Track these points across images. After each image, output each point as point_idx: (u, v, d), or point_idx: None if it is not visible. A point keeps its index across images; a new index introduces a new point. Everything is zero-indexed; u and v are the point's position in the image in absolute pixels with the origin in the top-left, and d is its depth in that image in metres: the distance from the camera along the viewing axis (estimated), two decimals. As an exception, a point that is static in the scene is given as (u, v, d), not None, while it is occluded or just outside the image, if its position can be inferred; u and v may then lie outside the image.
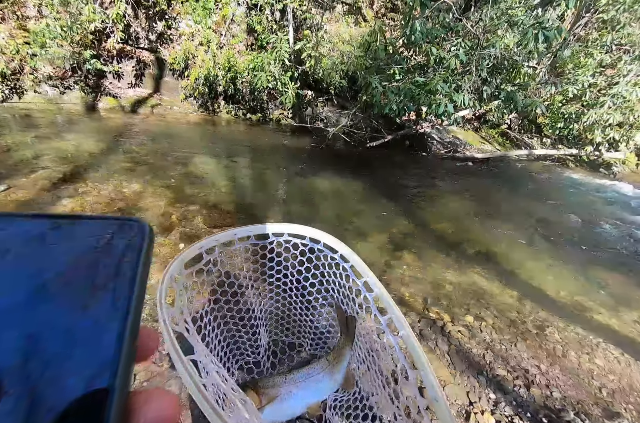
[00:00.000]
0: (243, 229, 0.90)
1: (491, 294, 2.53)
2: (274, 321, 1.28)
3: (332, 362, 0.97)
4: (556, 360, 1.89)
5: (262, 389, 0.88)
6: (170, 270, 0.68)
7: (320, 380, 0.94)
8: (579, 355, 1.96)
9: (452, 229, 3.68)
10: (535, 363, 1.84)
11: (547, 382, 1.72)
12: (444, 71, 3.86)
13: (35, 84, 6.43)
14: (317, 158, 5.63)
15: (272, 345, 1.26)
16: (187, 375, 0.51)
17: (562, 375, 1.78)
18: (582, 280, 2.93)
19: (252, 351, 1.17)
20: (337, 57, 6.14)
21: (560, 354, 1.95)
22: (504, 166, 6.74)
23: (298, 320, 1.27)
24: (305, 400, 0.91)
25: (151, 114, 7.25)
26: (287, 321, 1.29)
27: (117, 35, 6.89)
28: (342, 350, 1.00)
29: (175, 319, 0.63)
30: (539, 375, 1.76)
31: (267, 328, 1.26)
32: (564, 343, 2.05)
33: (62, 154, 3.99)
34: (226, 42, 7.64)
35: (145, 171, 3.97)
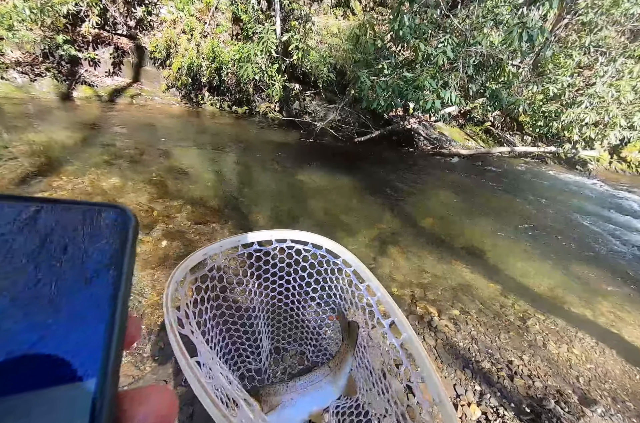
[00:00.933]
0: (246, 235, 0.91)
1: (476, 288, 2.59)
2: (276, 328, 1.26)
3: (333, 369, 0.97)
4: (537, 350, 1.96)
5: (264, 397, 0.86)
6: (175, 275, 0.68)
7: (323, 387, 0.94)
8: (558, 345, 2.04)
9: (438, 225, 3.74)
10: (518, 354, 1.91)
11: (529, 372, 1.78)
12: (432, 67, 3.87)
13: (1, 70, 6.00)
14: (305, 153, 5.57)
15: (273, 352, 1.24)
16: (192, 376, 0.51)
17: (543, 365, 1.85)
18: (560, 273, 3.05)
19: (253, 358, 1.15)
20: (325, 50, 6.05)
21: (541, 344, 2.03)
22: (488, 162, 6.91)
23: (300, 326, 1.26)
24: (308, 407, 0.91)
25: (131, 104, 6.94)
26: (289, 327, 1.27)
27: (92, 20, 6.51)
28: (344, 356, 0.99)
29: (182, 322, 0.63)
30: (522, 365, 1.82)
31: (269, 334, 1.23)
32: (544, 334, 2.13)
33: (33, 147, 3.75)
34: (210, 31, 7.37)
35: (124, 165, 3.79)
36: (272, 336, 1.25)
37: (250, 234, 0.92)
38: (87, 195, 3.01)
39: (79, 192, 3.02)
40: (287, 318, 1.24)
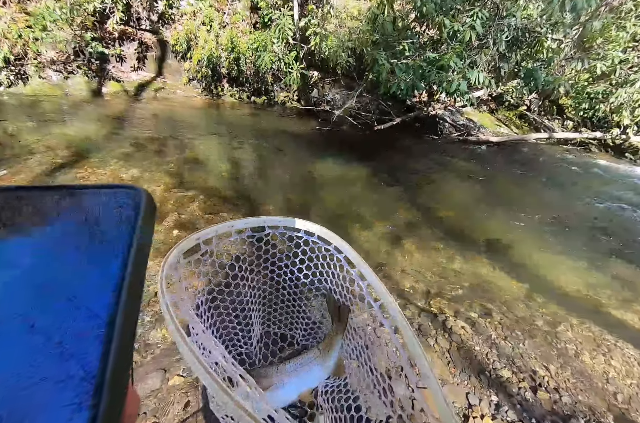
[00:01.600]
0: (240, 221, 0.93)
1: (499, 287, 2.36)
2: (267, 313, 1.28)
3: (322, 351, 1.00)
4: (568, 360, 1.74)
5: (255, 379, 0.87)
6: (169, 259, 0.70)
7: (312, 369, 0.96)
8: (593, 355, 1.80)
9: (459, 218, 3.48)
10: (544, 364, 1.70)
11: (556, 385, 1.58)
12: (458, 45, 3.52)
13: (39, 69, 6.32)
14: (321, 142, 5.42)
15: (264, 337, 1.25)
16: (190, 353, 0.53)
17: (574, 377, 1.63)
18: (599, 274, 2.71)
19: (244, 342, 1.17)
20: (345, 35, 5.75)
21: (573, 354, 1.79)
22: (521, 150, 6.34)
23: (291, 311, 1.27)
24: (298, 388, 0.94)
25: (154, 98, 7.10)
26: (279, 312, 1.29)
27: (116, 16, 6.66)
28: (333, 339, 1.02)
29: (177, 304, 0.66)
30: (548, 377, 1.62)
31: (260, 319, 1.25)
32: (577, 342, 1.89)
33: (63, 140, 3.94)
34: (229, 21, 7.31)
35: (144, 157, 3.89)
36: (263, 321, 1.27)
37: (243, 220, 0.93)
38: (107, 186, 3.09)
39: (100, 182, 3.12)
40: (278, 303, 1.26)
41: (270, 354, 1.19)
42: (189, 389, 1.39)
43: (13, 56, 5.83)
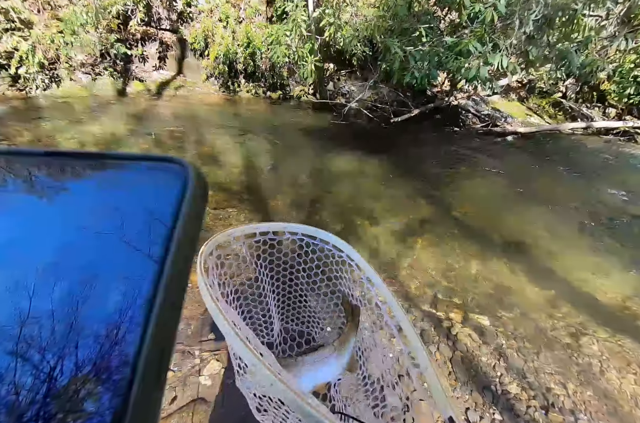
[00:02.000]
0: (264, 224, 1.03)
1: (517, 293, 2.15)
2: (285, 311, 1.38)
3: (338, 348, 1.06)
4: (590, 378, 1.54)
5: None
6: (205, 248, 0.77)
7: (327, 364, 1.03)
8: (622, 374, 1.58)
9: (478, 215, 3.24)
10: (561, 381, 1.51)
11: (573, 405, 1.40)
12: (479, 27, 3.23)
13: (70, 72, 6.65)
14: (336, 136, 5.28)
15: (283, 332, 1.34)
16: (227, 325, 0.58)
17: (596, 398, 1.44)
18: (636, 282, 2.40)
19: (267, 333, 1.28)
20: (361, 23, 5.52)
21: (597, 371, 1.58)
22: (554, 141, 5.82)
23: (308, 310, 1.38)
24: (314, 380, 1.00)
25: (174, 96, 7.29)
26: (297, 310, 1.39)
27: (137, 17, 6.84)
28: (347, 336, 1.08)
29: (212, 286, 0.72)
30: (564, 396, 1.44)
31: (279, 315, 1.36)
32: (604, 357, 1.67)
33: (89, 138, 4.14)
34: (245, 16, 7.30)
35: (161, 152, 4.00)
36: (282, 317, 1.37)
37: (267, 224, 1.04)
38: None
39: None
40: (295, 302, 1.36)
41: (289, 348, 1.28)
42: (177, 384, 1.39)
43: (47, 61, 6.17)
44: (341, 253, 1.10)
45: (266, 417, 0.81)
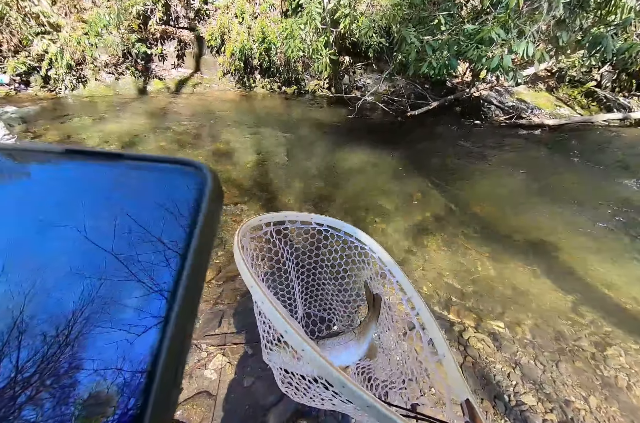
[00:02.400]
0: (292, 213, 1.08)
1: (537, 297, 2.02)
2: (309, 297, 1.43)
3: (358, 335, 1.10)
4: (615, 393, 1.42)
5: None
6: (241, 230, 0.82)
7: (348, 349, 1.07)
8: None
9: (499, 214, 3.07)
10: (582, 394, 1.40)
11: (595, 422, 1.29)
12: (503, 13, 3.02)
13: (95, 72, 6.92)
14: (350, 131, 5.18)
15: (305, 317, 1.38)
16: (264, 296, 0.62)
17: (622, 415, 1.32)
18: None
19: (291, 315, 1.31)
20: (377, 13, 5.34)
21: (624, 386, 1.46)
22: (585, 134, 5.42)
23: (330, 298, 1.43)
24: (334, 362, 0.99)
25: (192, 93, 7.43)
26: (320, 297, 1.45)
27: (156, 16, 6.98)
28: (368, 324, 1.12)
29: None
30: (586, 411, 1.33)
31: (303, 301, 1.41)
32: (632, 371, 1.53)
33: (110, 137, 4.29)
34: (260, 12, 7.27)
35: (176, 149, 4.10)
36: (305, 302, 1.42)
37: (295, 213, 1.08)
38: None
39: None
40: (318, 289, 1.41)
41: (310, 332, 1.33)
42: (183, 377, 1.41)
43: (74, 62, 6.44)
44: (364, 245, 1.14)
45: (290, 388, 0.84)
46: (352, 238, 1.15)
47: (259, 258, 1.04)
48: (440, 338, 0.89)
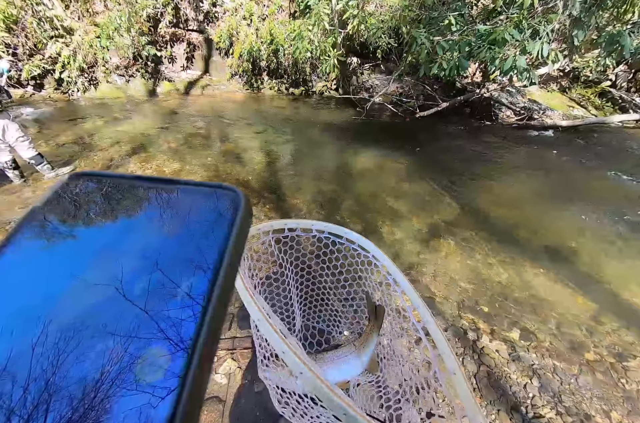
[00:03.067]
0: (292, 221, 1.06)
1: (555, 305, 1.97)
2: (307, 308, 1.40)
3: (359, 347, 1.07)
4: (638, 407, 1.36)
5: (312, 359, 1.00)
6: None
7: (348, 362, 1.04)
8: (678, 404, 1.38)
9: (513, 217, 3.01)
10: (604, 408, 1.35)
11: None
12: (517, 13, 2.96)
13: (106, 75, 7.01)
14: (358, 132, 5.15)
15: (303, 329, 1.35)
16: (258, 311, 0.62)
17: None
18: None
19: (289, 328, 1.28)
20: (386, 14, 5.30)
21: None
22: (600, 135, 5.29)
23: (330, 309, 1.38)
24: (334, 378, 1.00)
25: (201, 94, 7.49)
26: (319, 308, 1.40)
27: (166, 19, 7.05)
28: (369, 336, 1.08)
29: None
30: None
31: (301, 312, 1.37)
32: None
33: (121, 138, 4.34)
34: (268, 13, 7.30)
35: (186, 150, 4.12)
36: (304, 314, 1.39)
37: (295, 220, 1.06)
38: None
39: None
40: (317, 300, 1.38)
41: (308, 346, 1.28)
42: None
43: (86, 65, 6.54)
44: (367, 253, 1.08)
45: (287, 409, 0.81)
46: (355, 246, 1.10)
47: (256, 268, 1.01)
48: (450, 354, 0.83)
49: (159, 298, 0.18)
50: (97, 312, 0.17)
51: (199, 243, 0.20)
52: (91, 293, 0.18)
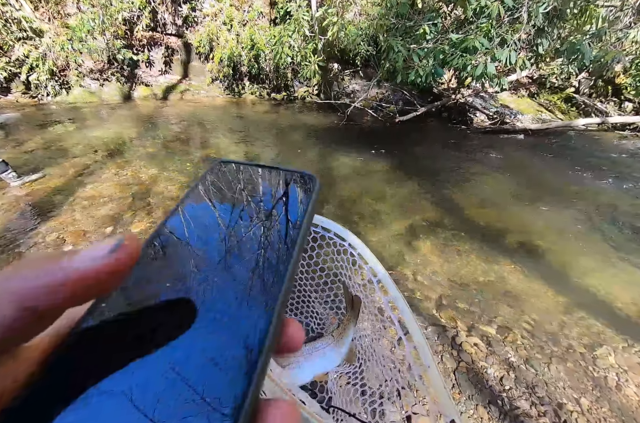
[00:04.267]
0: None
1: (528, 299, 2.05)
2: None
3: (337, 338, 1.07)
4: (606, 393, 1.44)
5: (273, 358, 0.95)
6: None
7: (326, 354, 1.03)
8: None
9: (488, 217, 3.13)
10: (574, 396, 1.42)
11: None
12: (485, 23, 3.12)
13: (79, 78, 6.78)
14: (340, 137, 5.22)
15: None
16: None
17: (612, 416, 1.34)
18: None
19: None
20: (364, 22, 5.45)
21: (613, 386, 1.48)
22: (566, 138, 5.62)
23: (307, 301, 1.36)
24: (313, 370, 0.99)
25: (180, 99, 7.36)
26: (295, 301, 1.39)
27: (143, 23, 6.93)
28: (346, 327, 1.08)
29: None
30: (578, 413, 1.34)
31: None
32: (621, 370, 1.56)
33: (96, 143, 4.20)
34: (249, 19, 7.32)
35: (165, 156, 4.03)
36: None
37: None
38: (127, 185, 3.22)
39: (122, 183, 3.25)
40: (294, 292, 1.36)
41: None
42: None
43: (57, 68, 6.30)
44: (343, 241, 1.07)
45: None
46: (331, 234, 1.07)
47: None
48: (425, 347, 0.82)
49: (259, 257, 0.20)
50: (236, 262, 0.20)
51: (282, 220, 0.23)
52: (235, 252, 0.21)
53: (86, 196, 2.93)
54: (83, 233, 2.35)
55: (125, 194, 3.06)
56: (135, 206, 2.78)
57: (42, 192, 2.93)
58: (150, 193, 3.07)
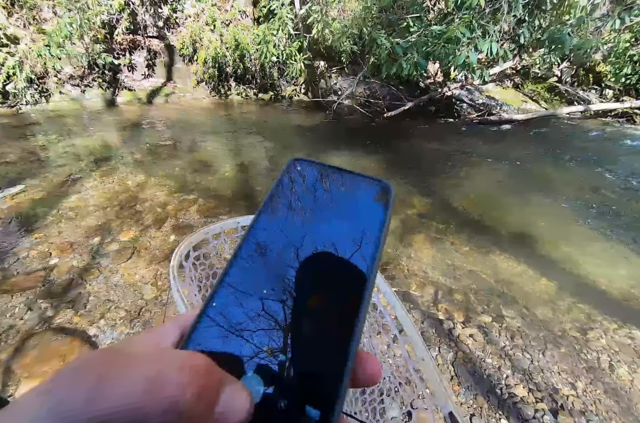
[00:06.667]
0: (244, 218, 0.98)
1: (521, 287, 2.08)
2: None
3: None
4: (599, 376, 1.47)
5: None
6: (181, 250, 0.77)
7: None
8: (632, 369, 1.51)
9: (478, 207, 3.16)
10: (569, 380, 1.44)
11: (583, 406, 1.33)
12: (466, 14, 3.13)
13: (59, 85, 6.61)
14: (328, 134, 5.21)
15: None
16: None
17: (607, 397, 1.37)
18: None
19: None
20: (348, 18, 5.42)
21: (607, 368, 1.51)
22: (551, 127, 5.70)
23: None
24: None
25: (166, 103, 7.25)
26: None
27: (122, 26, 6.79)
28: None
29: (186, 291, 0.74)
30: (573, 396, 1.37)
31: None
32: (612, 352, 1.59)
33: (79, 151, 4.11)
34: (232, 19, 7.23)
35: (151, 162, 3.96)
36: None
37: (248, 217, 1.00)
38: (114, 193, 3.16)
39: (107, 191, 3.19)
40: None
41: None
42: None
43: (35, 75, 6.13)
44: None
45: None
46: None
47: (210, 276, 0.93)
48: (418, 340, 0.82)
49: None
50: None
51: (362, 228, 0.24)
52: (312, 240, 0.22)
53: (71, 207, 2.87)
54: (70, 244, 2.30)
55: (112, 203, 3.00)
56: (123, 215, 2.73)
57: (25, 205, 2.86)
58: (138, 200, 3.02)
